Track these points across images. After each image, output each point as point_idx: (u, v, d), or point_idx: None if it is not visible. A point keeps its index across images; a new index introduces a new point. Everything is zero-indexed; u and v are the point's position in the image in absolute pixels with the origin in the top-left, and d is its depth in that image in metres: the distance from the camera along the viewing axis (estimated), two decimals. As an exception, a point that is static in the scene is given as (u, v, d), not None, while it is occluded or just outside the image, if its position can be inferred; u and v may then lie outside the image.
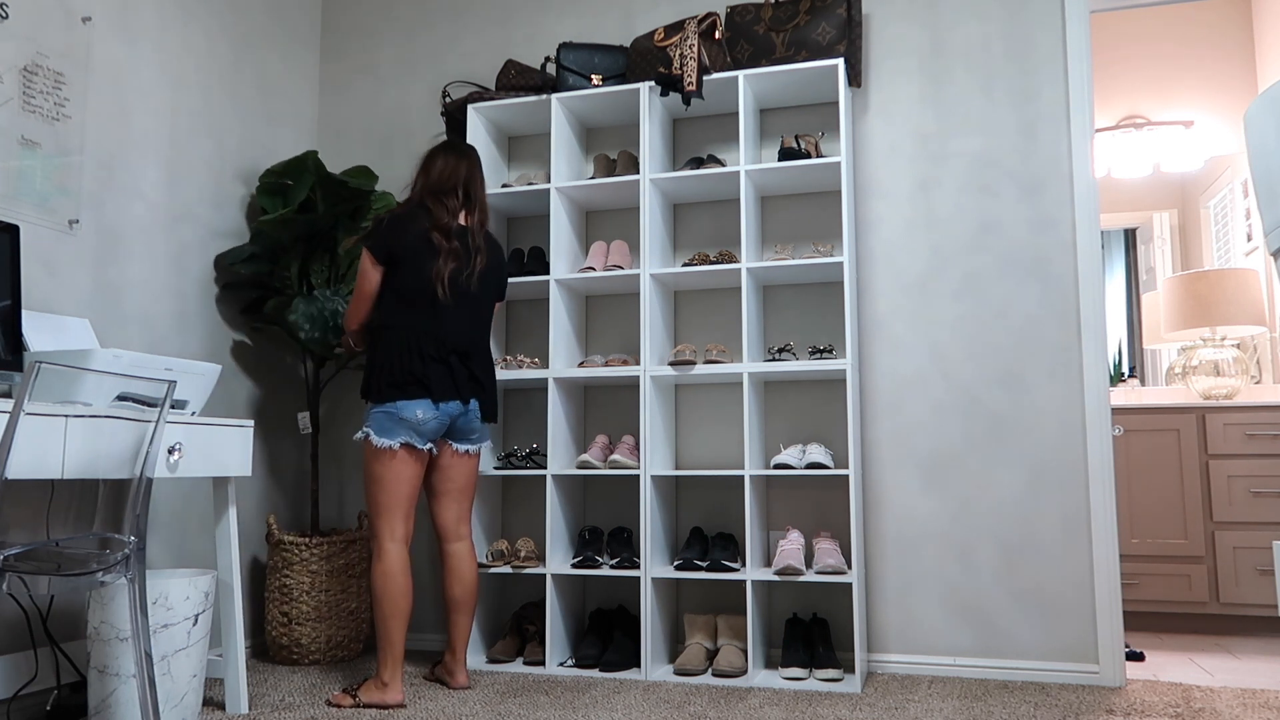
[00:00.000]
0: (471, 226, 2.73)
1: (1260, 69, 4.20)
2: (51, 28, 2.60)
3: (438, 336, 2.61)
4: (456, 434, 2.70)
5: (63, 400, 1.92)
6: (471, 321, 2.70)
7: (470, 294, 2.69)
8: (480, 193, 2.78)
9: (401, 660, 2.56)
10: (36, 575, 1.78)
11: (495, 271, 2.79)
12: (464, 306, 2.68)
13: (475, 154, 2.82)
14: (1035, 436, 2.90)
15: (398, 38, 3.72)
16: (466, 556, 2.75)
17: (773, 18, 3.10)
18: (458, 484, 2.74)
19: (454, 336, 2.64)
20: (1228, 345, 4.00)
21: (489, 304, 2.78)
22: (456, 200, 2.72)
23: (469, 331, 2.68)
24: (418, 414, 2.56)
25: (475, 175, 2.77)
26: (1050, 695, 2.64)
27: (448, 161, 2.76)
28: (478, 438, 2.74)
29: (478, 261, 2.70)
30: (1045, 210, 2.96)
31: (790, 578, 2.73)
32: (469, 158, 2.79)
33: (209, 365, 2.42)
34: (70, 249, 2.64)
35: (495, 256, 2.80)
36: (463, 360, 2.65)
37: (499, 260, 2.82)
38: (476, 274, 2.70)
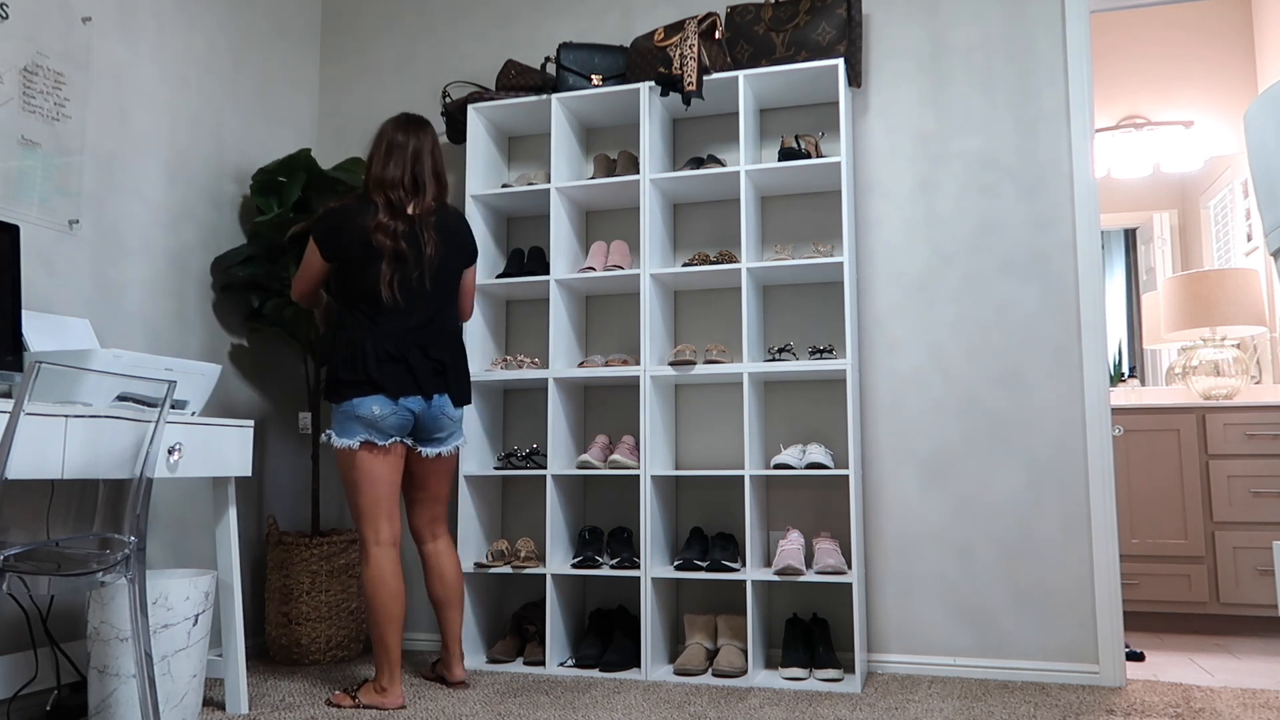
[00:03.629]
0: (419, 215, 2.62)
1: (1260, 69, 4.20)
2: (51, 28, 2.60)
3: (392, 336, 2.54)
4: (423, 435, 2.62)
5: (63, 400, 1.92)
6: (431, 312, 2.61)
7: (424, 288, 2.60)
8: (429, 173, 2.67)
9: (399, 664, 2.55)
10: (36, 575, 1.78)
11: (456, 250, 2.68)
12: (420, 299, 2.59)
13: (423, 128, 2.70)
14: (1035, 436, 2.90)
15: (398, 38, 3.72)
16: (445, 554, 2.74)
17: (773, 18, 3.10)
18: (429, 490, 2.70)
19: (410, 333, 2.56)
20: (1228, 345, 4.00)
21: (452, 285, 2.68)
22: (402, 191, 2.62)
23: (427, 323, 2.60)
24: (374, 410, 2.50)
25: (423, 155, 2.66)
26: (1050, 695, 2.64)
27: (393, 147, 2.65)
28: (448, 436, 2.65)
29: (430, 252, 2.60)
30: (1045, 210, 2.96)
31: (790, 578, 2.73)
32: (416, 134, 2.68)
33: (209, 365, 2.42)
34: (70, 249, 2.64)
35: (452, 236, 2.67)
36: (424, 353, 2.57)
37: (457, 235, 2.70)
38: (429, 266, 2.60)
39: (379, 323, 2.55)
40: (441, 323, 2.64)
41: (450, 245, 2.67)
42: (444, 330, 2.64)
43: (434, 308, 2.63)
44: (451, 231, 2.69)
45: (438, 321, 2.63)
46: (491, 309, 3.32)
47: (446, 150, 3.59)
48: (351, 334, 2.56)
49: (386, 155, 2.65)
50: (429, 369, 2.58)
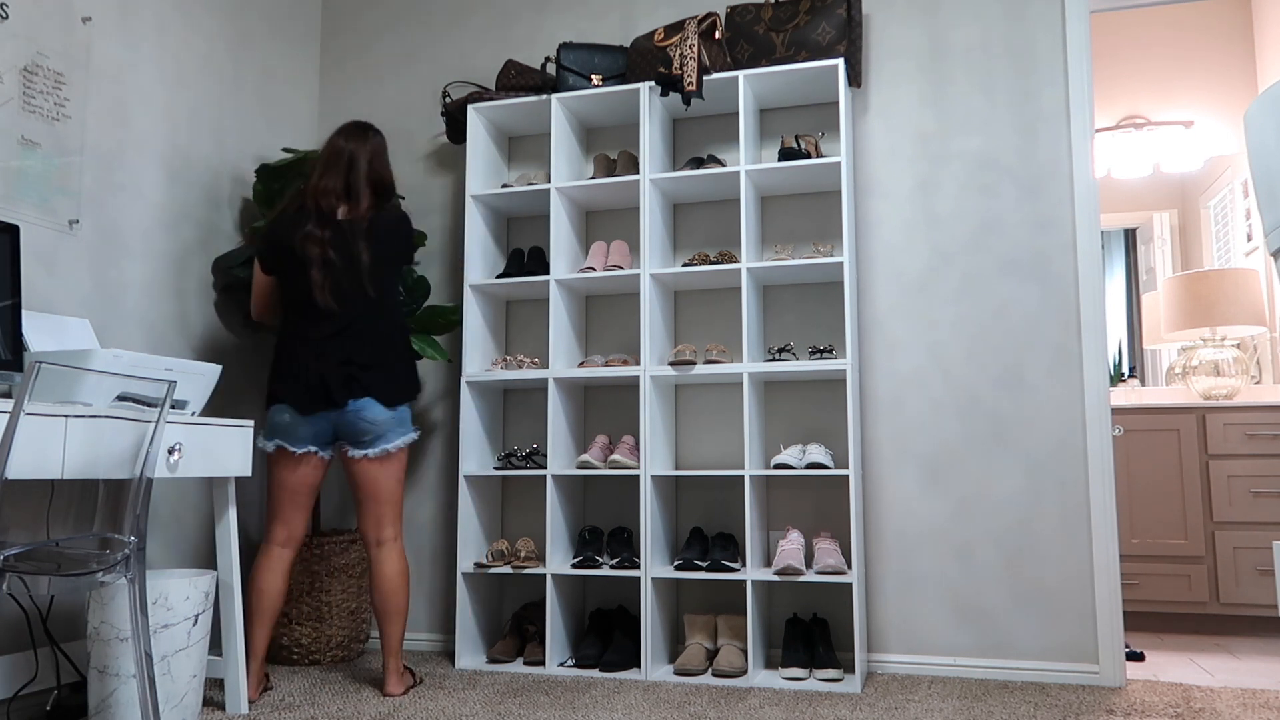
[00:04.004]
0: (353, 221, 2.62)
1: (1260, 69, 4.20)
2: (51, 28, 2.60)
3: (312, 345, 2.57)
4: (349, 438, 2.61)
5: (63, 400, 1.92)
6: (360, 317, 2.60)
7: (356, 294, 2.60)
8: (364, 179, 2.67)
9: (258, 658, 2.57)
10: (36, 575, 1.78)
11: (388, 253, 2.66)
12: (350, 306, 2.60)
13: (362, 136, 2.71)
14: (1035, 436, 2.90)
15: (398, 38, 3.72)
16: (387, 561, 2.66)
17: (773, 18, 3.10)
18: (365, 490, 2.65)
19: (334, 340, 2.57)
20: (1228, 345, 4.00)
21: (388, 288, 2.66)
22: (333, 198, 2.64)
23: (356, 328, 2.59)
24: (285, 418, 2.58)
25: (358, 162, 2.67)
26: (1050, 695, 2.64)
27: (331, 155, 2.68)
28: (376, 439, 2.60)
29: (364, 257, 2.59)
30: (1045, 210, 2.96)
31: (790, 578, 2.73)
32: (355, 141, 2.70)
33: (209, 365, 2.42)
34: (70, 249, 2.64)
35: (384, 240, 2.65)
36: (344, 361, 2.56)
37: (391, 238, 2.67)
38: (363, 272, 2.60)
39: (305, 331, 2.59)
40: (373, 326, 2.61)
41: (382, 249, 2.64)
42: (375, 333, 2.61)
43: (364, 312, 2.61)
44: (383, 236, 2.65)
45: (368, 325, 2.61)
46: (491, 309, 3.32)
47: (446, 150, 3.60)
48: (281, 343, 2.63)
49: (324, 164, 2.69)
50: (343, 377, 2.55)
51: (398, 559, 2.67)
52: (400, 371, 2.65)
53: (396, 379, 2.63)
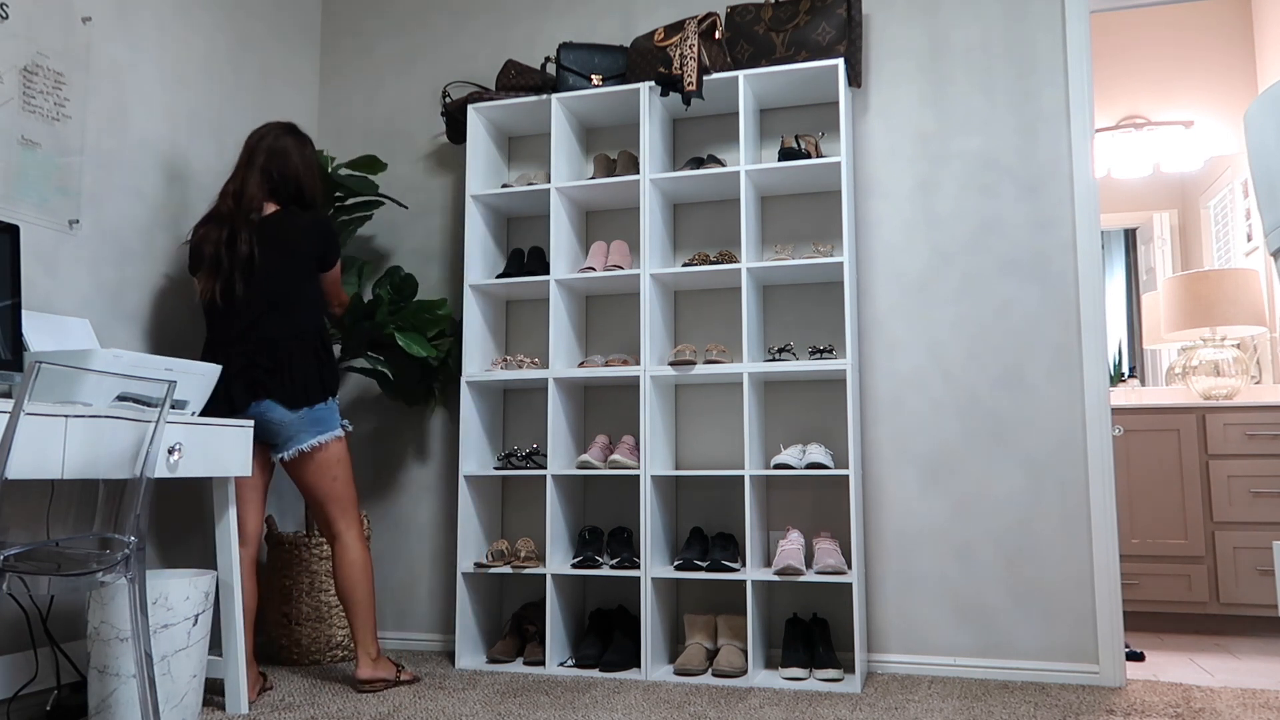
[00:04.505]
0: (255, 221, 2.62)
1: (1260, 69, 4.20)
2: (51, 28, 2.60)
3: (220, 348, 2.58)
4: (266, 441, 2.63)
5: (63, 400, 1.92)
6: (256, 319, 2.58)
7: (249, 295, 2.58)
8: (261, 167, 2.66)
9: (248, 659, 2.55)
10: (36, 575, 1.78)
11: (287, 254, 2.63)
12: (246, 307, 2.58)
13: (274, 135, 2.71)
14: (1035, 436, 2.90)
15: (398, 38, 3.72)
16: (343, 553, 2.67)
17: (773, 18, 3.10)
18: (305, 489, 2.67)
19: (236, 343, 2.57)
20: (1228, 345, 4.00)
21: (286, 289, 2.62)
22: (231, 200, 2.64)
23: (255, 330, 2.58)
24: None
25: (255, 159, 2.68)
26: (1050, 695, 2.64)
27: (243, 156, 2.71)
28: (285, 442, 2.59)
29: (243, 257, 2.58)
30: (1045, 210, 2.96)
31: (790, 578, 2.73)
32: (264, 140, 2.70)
33: (209, 365, 2.42)
34: (70, 249, 2.64)
35: (285, 241, 2.63)
36: (245, 363, 2.55)
37: (292, 240, 2.64)
38: (259, 273, 2.58)
39: (215, 335, 2.62)
40: (271, 328, 2.59)
41: (280, 250, 2.62)
42: (280, 334, 2.59)
43: (264, 313, 2.59)
44: (285, 237, 2.64)
45: (266, 327, 2.59)
46: (491, 309, 3.32)
47: (446, 150, 3.60)
48: (204, 347, 2.66)
49: (236, 166, 2.72)
50: (244, 383, 2.56)
51: (352, 551, 2.67)
52: (301, 373, 2.59)
53: (296, 381, 2.58)
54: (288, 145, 2.73)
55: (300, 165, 2.74)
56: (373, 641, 2.69)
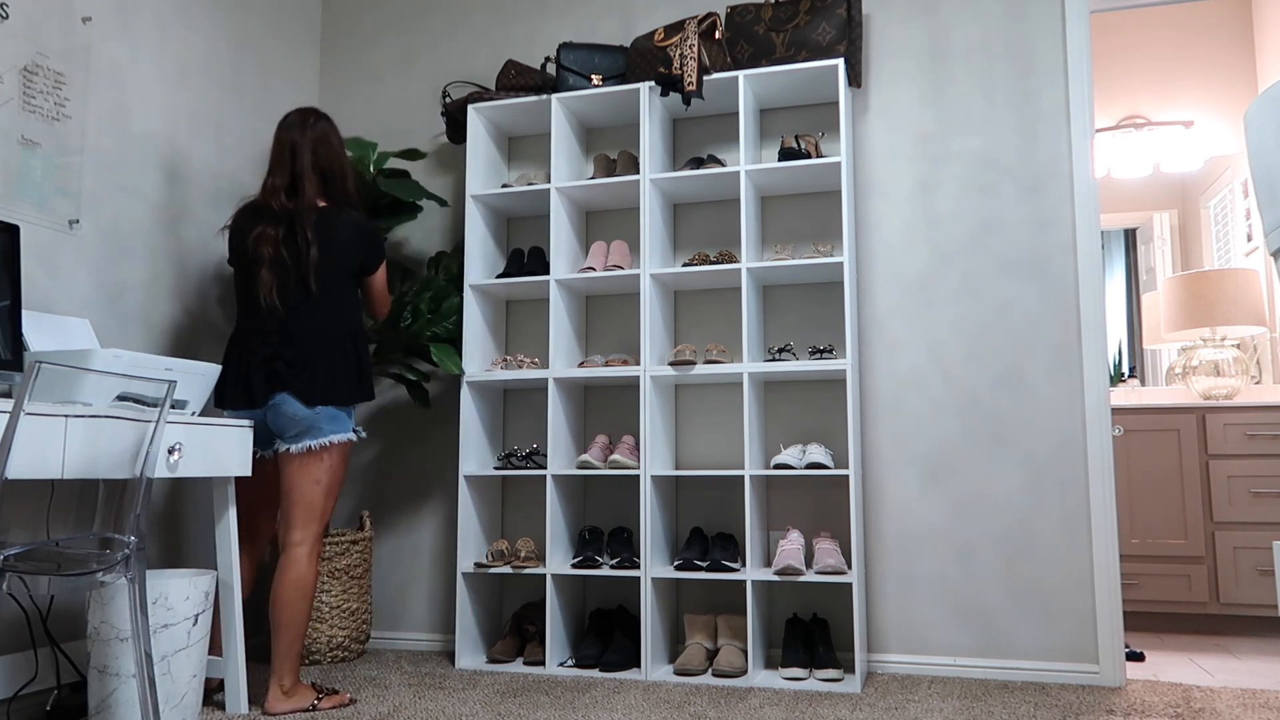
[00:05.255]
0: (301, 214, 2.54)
1: (1260, 69, 4.20)
2: (51, 28, 2.60)
3: (249, 346, 2.53)
4: (276, 433, 2.55)
5: (63, 400, 1.92)
6: (296, 314, 2.53)
7: (297, 292, 2.53)
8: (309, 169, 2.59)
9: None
10: (36, 575, 1.78)
11: (334, 254, 2.56)
12: (291, 304, 2.53)
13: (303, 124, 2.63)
14: (1035, 436, 2.90)
15: (398, 38, 3.72)
16: (286, 567, 2.49)
17: (773, 18, 3.10)
18: (284, 486, 2.53)
19: (268, 338, 2.52)
20: (1228, 345, 4.00)
21: (330, 288, 2.56)
22: (283, 195, 2.57)
23: (291, 325, 2.52)
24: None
25: (301, 152, 2.59)
26: (1050, 695, 2.64)
27: (275, 150, 2.63)
28: (296, 435, 2.50)
29: (311, 252, 2.52)
30: (1045, 210, 2.96)
31: (790, 578, 2.73)
32: (297, 130, 2.62)
33: (209, 365, 2.42)
34: (70, 249, 2.64)
35: (331, 240, 2.56)
36: (271, 358, 2.49)
37: (337, 240, 2.57)
38: (308, 268, 2.52)
39: (247, 330, 2.56)
40: (307, 322, 2.53)
41: (334, 244, 2.57)
42: (308, 329, 2.52)
43: (301, 309, 2.53)
44: (330, 235, 2.57)
45: (304, 323, 2.53)
46: (491, 309, 3.32)
47: (446, 150, 3.60)
48: (229, 340, 2.61)
49: (272, 160, 2.64)
50: (265, 374, 2.50)
51: (297, 567, 2.49)
52: (324, 372, 2.51)
53: (319, 379, 2.50)
54: (328, 134, 2.66)
55: (342, 156, 2.67)
56: (289, 671, 2.47)
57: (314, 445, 2.51)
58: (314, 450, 2.51)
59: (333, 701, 2.53)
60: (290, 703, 2.46)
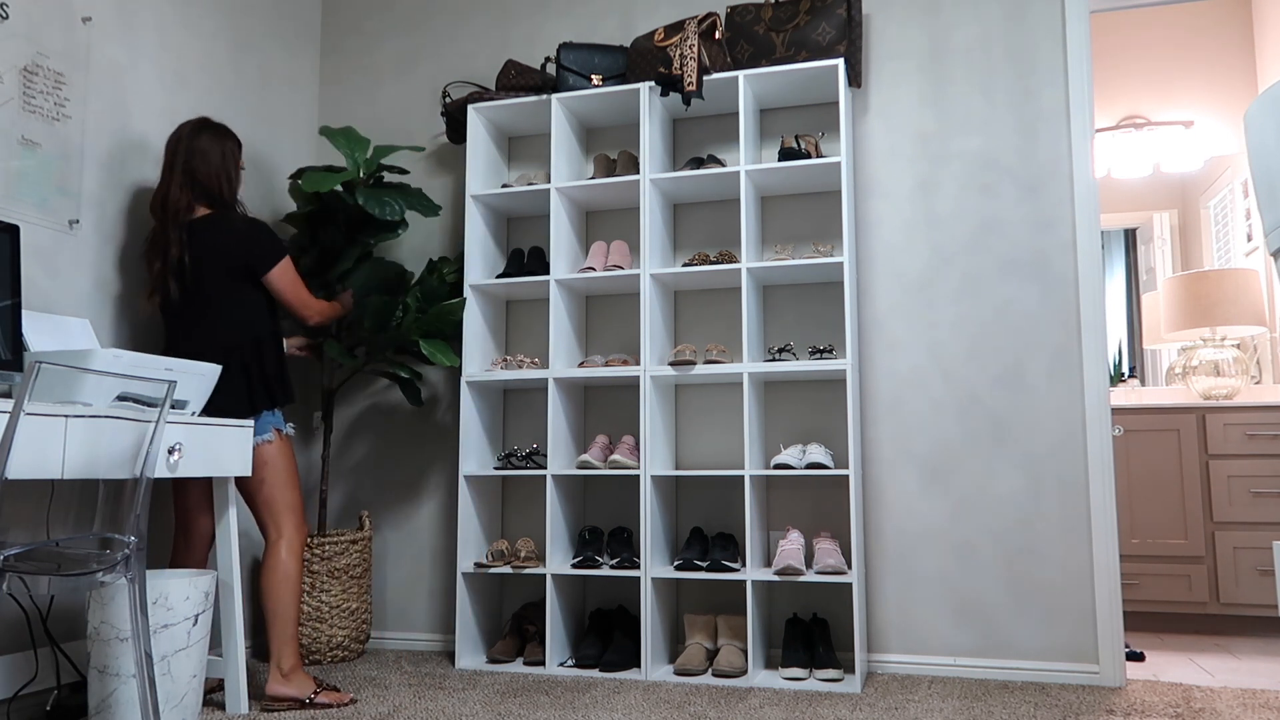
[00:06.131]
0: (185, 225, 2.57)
1: (1260, 69, 4.20)
2: (51, 28, 2.60)
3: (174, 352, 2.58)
4: None
5: (63, 400, 1.92)
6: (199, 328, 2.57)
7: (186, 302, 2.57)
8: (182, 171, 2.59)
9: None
10: (36, 575, 1.78)
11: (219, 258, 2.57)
12: (183, 314, 2.58)
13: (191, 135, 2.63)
14: (1035, 436, 2.90)
15: (397, 38, 3.72)
16: (267, 560, 2.59)
17: (773, 18, 3.10)
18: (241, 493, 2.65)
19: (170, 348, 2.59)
20: (1228, 345, 4.00)
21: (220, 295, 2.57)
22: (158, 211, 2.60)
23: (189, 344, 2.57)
24: None
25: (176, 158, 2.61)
26: (1050, 695, 2.64)
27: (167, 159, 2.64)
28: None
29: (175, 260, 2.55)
30: (1045, 210, 2.96)
31: (790, 578, 2.73)
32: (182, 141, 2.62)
33: (209, 365, 2.42)
34: (70, 249, 2.64)
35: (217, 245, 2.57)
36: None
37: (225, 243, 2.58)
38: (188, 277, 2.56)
39: (166, 345, 2.63)
40: (200, 337, 2.56)
41: (214, 249, 2.57)
42: (201, 345, 2.56)
43: (197, 321, 2.57)
44: (215, 235, 2.58)
45: (197, 338, 2.57)
46: (491, 309, 3.32)
47: (447, 150, 3.59)
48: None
49: (161, 169, 2.67)
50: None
51: (275, 558, 2.58)
52: (224, 388, 2.53)
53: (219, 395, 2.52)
54: (197, 139, 2.64)
55: (223, 165, 2.65)
56: (288, 655, 2.54)
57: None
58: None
59: (332, 697, 2.54)
60: (289, 686, 2.52)
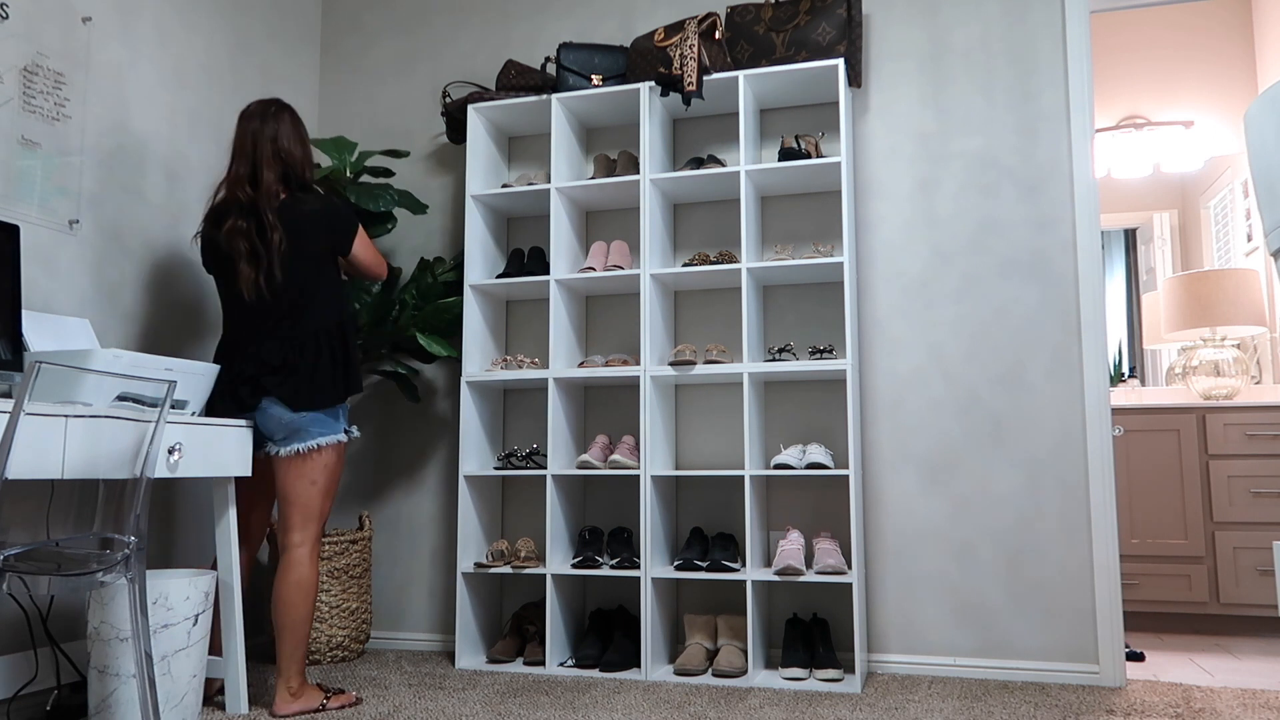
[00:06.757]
0: (264, 206, 2.47)
1: (1260, 69, 4.20)
2: (51, 28, 2.60)
3: (237, 348, 2.50)
4: (267, 436, 2.51)
5: (63, 400, 1.92)
6: (282, 312, 2.49)
7: (275, 285, 2.47)
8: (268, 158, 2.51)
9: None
10: (36, 575, 1.78)
11: (308, 237, 2.51)
12: (272, 298, 2.48)
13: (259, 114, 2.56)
14: (1035, 436, 2.90)
15: (397, 38, 3.72)
16: (287, 569, 2.49)
17: (773, 18, 3.10)
18: (278, 490, 2.53)
19: (255, 339, 2.48)
20: (1228, 345, 4.00)
21: (308, 275, 2.51)
22: (247, 186, 2.50)
23: (277, 325, 2.48)
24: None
25: (261, 142, 2.53)
26: (1050, 695, 2.64)
27: (237, 142, 2.56)
28: (284, 439, 2.47)
29: (276, 246, 2.46)
30: (1045, 210, 2.96)
31: (790, 578, 2.73)
32: (252, 121, 2.55)
33: (209, 365, 2.42)
34: (70, 249, 2.64)
35: (300, 222, 2.50)
36: (256, 361, 2.46)
37: (307, 220, 2.52)
38: (278, 263, 2.46)
39: (234, 333, 2.52)
40: (289, 324, 2.49)
41: (300, 233, 2.50)
42: (290, 332, 2.48)
43: (284, 308, 2.49)
44: (298, 218, 2.50)
45: (285, 324, 2.49)
46: (491, 309, 3.32)
47: (447, 150, 3.60)
48: (218, 346, 2.57)
49: (234, 152, 2.56)
50: (252, 383, 2.46)
51: (299, 568, 2.49)
52: (307, 377, 2.47)
53: (302, 384, 2.46)
54: (274, 119, 2.57)
55: (300, 146, 2.60)
56: (296, 673, 2.47)
57: (302, 449, 2.48)
58: (303, 453, 2.48)
59: (340, 701, 2.54)
60: (298, 704, 2.47)
